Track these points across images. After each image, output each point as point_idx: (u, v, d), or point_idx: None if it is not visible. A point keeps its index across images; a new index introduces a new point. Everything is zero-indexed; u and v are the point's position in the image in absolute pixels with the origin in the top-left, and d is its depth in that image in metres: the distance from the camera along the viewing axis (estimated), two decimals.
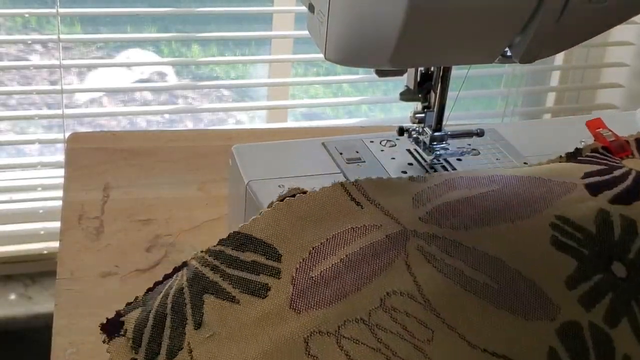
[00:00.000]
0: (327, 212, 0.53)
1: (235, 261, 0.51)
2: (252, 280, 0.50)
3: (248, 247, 0.52)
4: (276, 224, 0.52)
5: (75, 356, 0.63)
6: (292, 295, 0.49)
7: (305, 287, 0.49)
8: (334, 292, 0.49)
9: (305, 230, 0.52)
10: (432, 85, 0.64)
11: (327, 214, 0.53)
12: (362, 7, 0.52)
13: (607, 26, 0.58)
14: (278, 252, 0.51)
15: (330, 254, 0.50)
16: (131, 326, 0.51)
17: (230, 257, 0.51)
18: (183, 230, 0.78)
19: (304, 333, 0.47)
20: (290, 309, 0.48)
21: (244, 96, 1.60)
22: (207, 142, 0.93)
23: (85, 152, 0.89)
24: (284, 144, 0.71)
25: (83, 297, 0.69)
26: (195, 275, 0.51)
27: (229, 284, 0.50)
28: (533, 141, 0.70)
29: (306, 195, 0.54)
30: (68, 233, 0.76)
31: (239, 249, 0.52)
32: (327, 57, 0.55)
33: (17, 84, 1.43)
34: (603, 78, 1.69)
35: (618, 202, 0.55)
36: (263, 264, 0.51)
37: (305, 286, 0.49)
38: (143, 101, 1.50)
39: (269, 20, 1.47)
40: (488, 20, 0.53)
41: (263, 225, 0.52)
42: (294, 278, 0.50)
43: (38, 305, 1.32)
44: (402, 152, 0.68)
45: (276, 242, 0.52)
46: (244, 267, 0.51)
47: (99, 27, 1.47)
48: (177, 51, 1.56)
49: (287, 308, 0.48)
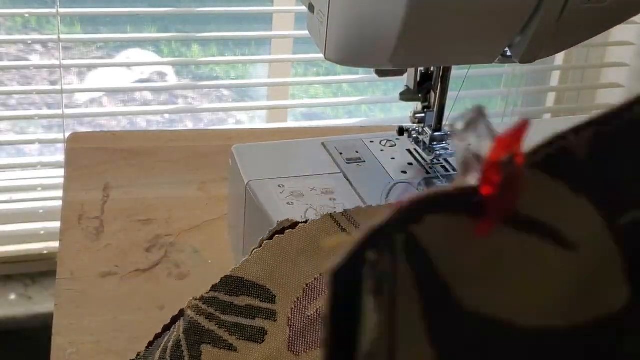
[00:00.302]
0: (318, 246, 0.52)
1: (229, 307, 0.50)
2: (248, 325, 0.49)
3: (241, 290, 0.51)
4: (267, 263, 0.51)
5: (75, 356, 0.63)
6: (290, 338, 0.48)
7: (303, 328, 0.48)
8: None
9: (297, 267, 0.51)
10: (432, 85, 0.64)
11: (318, 248, 0.52)
12: (362, 7, 0.52)
13: (607, 26, 0.58)
14: (272, 293, 0.50)
15: (325, 289, 0.50)
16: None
17: (224, 302, 0.51)
18: (183, 230, 0.78)
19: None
20: (288, 351, 0.48)
21: (244, 96, 1.60)
22: (207, 142, 0.93)
23: (85, 152, 0.89)
24: (284, 144, 0.71)
25: (83, 297, 0.69)
26: (191, 326, 0.50)
27: (225, 331, 0.49)
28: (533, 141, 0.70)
29: (296, 230, 0.52)
30: (68, 233, 0.76)
31: (232, 294, 0.51)
32: (327, 57, 0.55)
33: (17, 84, 1.43)
34: (603, 78, 1.69)
35: None
36: (258, 307, 0.50)
37: (302, 326, 0.48)
38: (143, 101, 1.50)
39: (269, 20, 1.47)
40: (488, 20, 0.53)
41: (254, 266, 0.51)
42: (290, 319, 0.49)
43: (38, 305, 1.32)
44: (402, 152, 0.68)
45: (269, 283, 0.51)
46: (239, 312, 0.50)
47: (99, 27, 1.47)
48: (177, 51, 1.56)
49: (285, 351, 0.48)
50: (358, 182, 0.63)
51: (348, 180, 0.64)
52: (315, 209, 0.60)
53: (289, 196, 0.61)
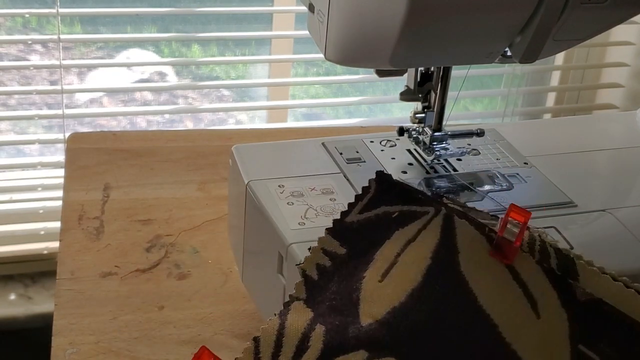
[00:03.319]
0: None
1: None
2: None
3: None
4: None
5: (75, 356, 0.63)
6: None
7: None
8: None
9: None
10: (432, 85, 0.64)
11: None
12: (362, 7, 0.52)
13: (607, 26, 0.58)
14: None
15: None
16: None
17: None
18: (183, 230, 0.78)
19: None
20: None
21: (244, 96, 1.60)
22: (207, 142, 0.93)
23: (85, 152, 0.89)
24: (284, 144, 0.71)
25: (83, 297, 0.69)
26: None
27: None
28: (533, 141, 0.71)
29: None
30: (68, 233, 0.76)
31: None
32: (327, 57, 0.55)
33: (17, 84, 1.43)
34: (603, 78, 1.69)
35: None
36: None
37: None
38: (143, 101, 1.50)
39: (269, 20, 1.47)
40: (488, 20, 0.53)
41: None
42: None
43: (38, 305, 1.32)
44: (402, 152, 0.68)
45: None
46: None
47: (99, 27, 1.47)
48: (177, 51, 1.55)
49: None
50: (358, 182, 0.63)
51: (348, 180, 0.64)
52: (316, 209, 0.60)
53: (289, 196, 0.61)
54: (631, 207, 0.63)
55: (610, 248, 0.59)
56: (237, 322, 0.68)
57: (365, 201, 0.52)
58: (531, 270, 0.48)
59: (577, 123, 0.80)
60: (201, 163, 0.89)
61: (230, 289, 0.71)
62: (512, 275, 0.48)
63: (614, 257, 0.57)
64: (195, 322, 0.67)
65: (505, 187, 0.64)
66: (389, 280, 0.49)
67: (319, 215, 0.59)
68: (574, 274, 0.48)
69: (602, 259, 0.57)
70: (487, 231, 0.49)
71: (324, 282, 0.50)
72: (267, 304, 0.62)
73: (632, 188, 0.67)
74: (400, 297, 0.48)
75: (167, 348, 0.65)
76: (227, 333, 0.67)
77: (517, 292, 0.48)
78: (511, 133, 0.71)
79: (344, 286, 0.49)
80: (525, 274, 0.48)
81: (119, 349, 0.64)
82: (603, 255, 0.57)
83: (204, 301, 0.70)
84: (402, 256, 0.49)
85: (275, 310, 0.59)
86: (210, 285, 0.72)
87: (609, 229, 0.61)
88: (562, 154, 0.70)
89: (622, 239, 0.60)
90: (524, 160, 0.68)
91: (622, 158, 0.71)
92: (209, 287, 0.72)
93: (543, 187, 0.65)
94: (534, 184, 0.65)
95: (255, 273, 0.64)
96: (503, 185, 0.64)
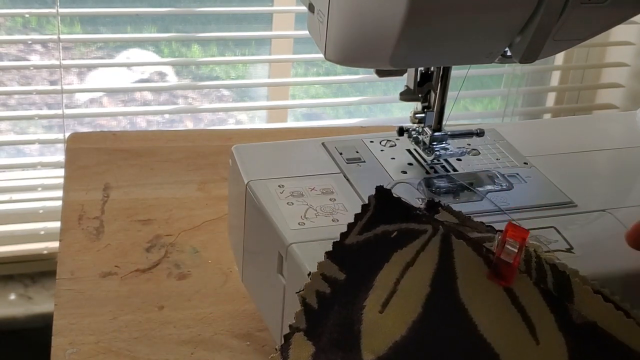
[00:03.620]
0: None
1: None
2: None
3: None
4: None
5: (75, 356, 0.63)
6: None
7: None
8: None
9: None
10: (432, 85, 0.64)
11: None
12: (362, 7, 0.52)
13: (607, 26, 0.58)
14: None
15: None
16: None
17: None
18: (183, 230, 0.78)
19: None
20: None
21: (244, 96, 1.60)
22: (207, 142, 0.93)
23: (85, 152, 0.89)
24: (284, 144, 0.71)
25: (83, 297, 0.69)
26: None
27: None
28: (533, 141, 0.70)
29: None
30: (68, 233, 0.76)
31: None
32: (327, 57, 0.55)
33: (17, 84, 1.43)
34: (603, 78, 1.69)
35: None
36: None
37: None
38: (143, 101, 1.50)
39: (269, 20, 1.47)
40: (488, 20, 0.53)
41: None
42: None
43: (38, 305, 1.32)
44: (402, 152, 0.68)
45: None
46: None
47: (99, 27, 1.47)
48: (177, 51, 1.55)
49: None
50: (358, 182, 0.63)
51: (348, 180, 0.63)
52: (315, 209, 0.60)
53: (289, 196, 0.61)
54: (631, 207, 0.63)
55: (610, 248, 0.59)
56: (237, 322, 0.68)
57: (365, 220, 0.52)
58: (529, 293, 0.48)
59: (577, 123, 0.80)
60: (201, 163, 0.89)
61: (230, 289, 0.71)
62: (511, 299, 0.48)
63: (614, 257, 0.57)
64: (195, 322, 0.67)
65: (505, 187, 0.64)
66: (389, 310, 0.49)
67: (319, 215, 0.59)
68: (569, 294, 0.49)
69: (602, 259, 0.57)
70: (484, 252, 0.49)
71: (324, 311, 0.50)
72: (267, 304, 0.62)
73: (632, 188, 0.67)
74: (401, 330, 0.48)
75: (167, 348, 0.65)
76: (227, 333, 0.67)
77: (516, 317, 0.48)
78: (511, 133, 0.71)
79: (345, 316, 0.49)
80: (523, 297, 0.48)
81: (119, 349, 0.64)
82: (603, 255, 0.57)
83: (204, 301, 0.70)
84: (401, 283, 0.49)
85: (275, 310, 0.59)
86: (210, 285, 0.72)
87: (609, 229, 0.61)
88: (562, 154, 0.70)
89: (622, 239, 0.59)
90: (523, 160, 0.68)
91: (622, 158, 0.71)
92: (209, 287, 0.72)
93: (543, 187, 0.65)
94: (533, 184, 0.65)
95: (255, 273, 0.64)
96: (503, 185, 0.64)
